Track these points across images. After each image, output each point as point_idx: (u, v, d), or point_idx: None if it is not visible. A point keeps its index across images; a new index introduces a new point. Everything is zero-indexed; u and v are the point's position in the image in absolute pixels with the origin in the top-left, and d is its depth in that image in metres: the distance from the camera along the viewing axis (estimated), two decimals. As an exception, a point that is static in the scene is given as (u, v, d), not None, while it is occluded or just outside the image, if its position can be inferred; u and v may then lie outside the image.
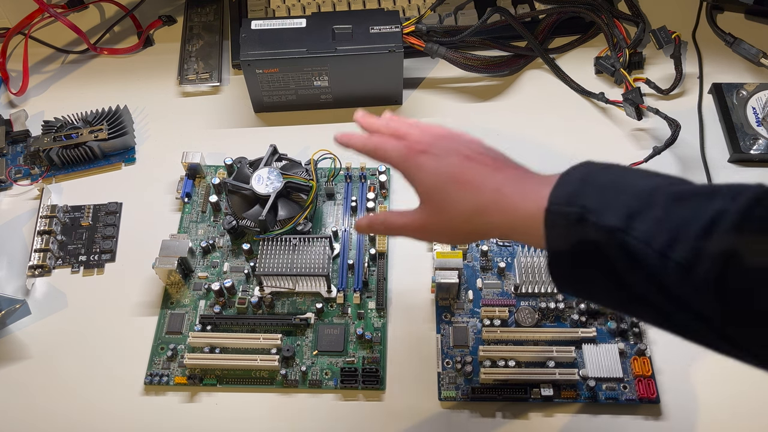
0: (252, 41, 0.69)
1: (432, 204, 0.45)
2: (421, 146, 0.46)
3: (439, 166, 0.45)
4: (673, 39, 0.76)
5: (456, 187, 0.44)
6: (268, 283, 0.62)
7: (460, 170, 0.44)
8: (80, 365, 0.60)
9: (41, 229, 0.66)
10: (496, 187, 0.43)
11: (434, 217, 0.45)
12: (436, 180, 0.45)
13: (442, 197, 0.44)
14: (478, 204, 0.43)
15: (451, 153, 0.46)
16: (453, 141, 0.47)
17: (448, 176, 0.44)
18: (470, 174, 0.44)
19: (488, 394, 0.56)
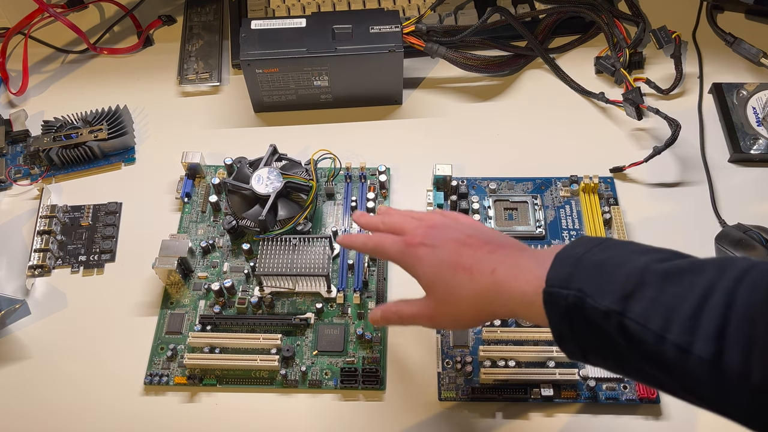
0: (252, 41, 0.69)
1: (436, 294, 0.46)
2: (417, 239, 0.48)
3: (435, 257, 0.46)
4: (673, 39, 0.76)
5: (454, 274, 0.45)
6: (268, 283, 0.62)
7: (455, 257, 0.45)
8: (80, 365, 0.60)
9: (41, 229, 0.66)
10: (491, 270, 0.44)
11: (440, 306, 0.46)
12: (435, 270, 0.46)
13: (444, 286, 0.45)
14: (477, 289, 0.44)
15: (445, 241, 0.47)
16: (446, 229, 0.48)
17: (445, 265, 0.45)
18: (465, 260, 0.45)
19: (488, 394, 0.56)
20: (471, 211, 0.66)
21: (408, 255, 0.48)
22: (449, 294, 0.45)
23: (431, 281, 0.46)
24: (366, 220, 0.53)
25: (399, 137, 0.74)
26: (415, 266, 0.47)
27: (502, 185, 0.68)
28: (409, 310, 0.49)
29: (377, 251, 0.51)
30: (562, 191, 0.68)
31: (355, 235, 0.54)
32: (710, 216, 0.66)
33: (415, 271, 0.48)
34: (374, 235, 0.52)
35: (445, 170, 0.66)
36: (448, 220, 0.50)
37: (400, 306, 0.50)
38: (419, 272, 0.47)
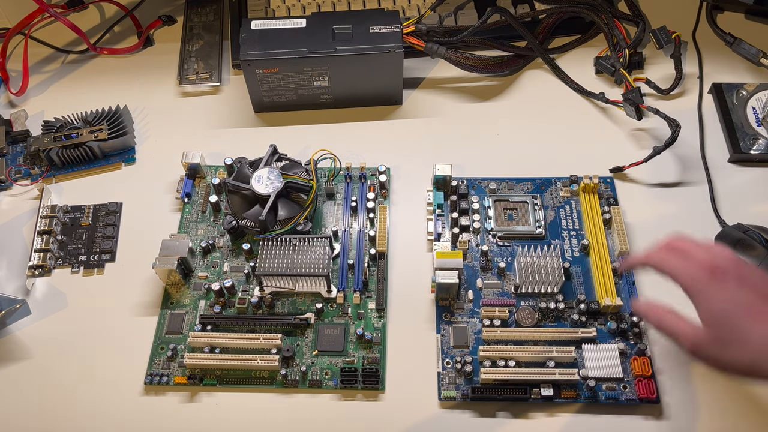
0: (252, 41, 0.69)
1: (717, 331, 0.42)
2: (713, 271, 0.43)
3: (733, 294, 0.42)
4: (673, 39, 0.76)
5: (751, 324, 0.41)
6: (268, 283, 0.62)
7: (757, 308, 0.41)
8: (80, 365, 0.60)
9: (41, 229, 0.66)
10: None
11: (716, 345, 0.42)
12: (728, 306, 0.42)
13: (731, 329, 0.42)
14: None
15: (747, 287, 0.42)
16: (747, 272, 0.43)
17: (744, 306, 0.42)
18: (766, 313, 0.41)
19: (488, 394, 0.56)
20: (471, 211, 0.66)
21: (699, 283, 0.43)
22: (734, 341, 0.41)
23: (716, 317, 0.42)
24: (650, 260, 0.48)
25: (399, 137, 0.74)
26: (702, 292, 0.43)
27: (502, 185, 0.68)
28: (678, 325, 0.45)
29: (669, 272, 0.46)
30: (562, 191, 0.68)
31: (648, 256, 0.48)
32: (710, 216, 0.66)
33: (698, 296, 0.43)
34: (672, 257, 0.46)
35: (445, 170, 0.66)
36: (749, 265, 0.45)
37: (669, 314, 0.46)
38: (703, 299, 0.43)
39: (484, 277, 0.63)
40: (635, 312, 0.49)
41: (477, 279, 0.63)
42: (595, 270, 0.63)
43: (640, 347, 0.58)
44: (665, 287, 0.47)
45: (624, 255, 0.63)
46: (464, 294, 0.62)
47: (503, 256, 0.64)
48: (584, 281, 0.62)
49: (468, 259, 0.64)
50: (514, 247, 0.64)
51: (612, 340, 0.59)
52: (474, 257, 0.64)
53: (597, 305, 0.60)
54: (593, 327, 0.59)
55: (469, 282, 0.63)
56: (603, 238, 0.64)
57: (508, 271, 0.63)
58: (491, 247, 0.65)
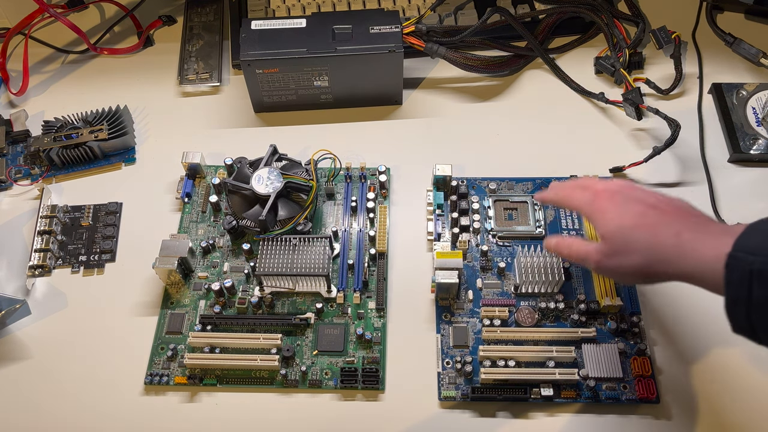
0: (252, 41, 0.69)
1: (612, 244, 0.48)
2: (607, 194, 0.50)
3: (623, 211, 0.48)
4: (673, 39, 0.76)
5: (637, 231, 0.47)
6: (268, 283, 0.62)
7: (642, 216, 0.47)
8: (80, 365, 0.60)
9: (41, 229, 0.66)
10: (676, 232, 0.45)
11: (612, 255, 0.48)
12: (618, 223, 0.48)
13: (623, 240, 0.47)
14: (656, 246, 0.45)
15: (634, 200, 0.49)
16: (636, 190, 0.50)
17: (630, 220, 0.47)
18: (652, 219, 0.47)
19: (488, 394, 0.56)
20: (471, 211, 0.66)
21: (595, 205, 0.50)
22: (626, 247, 0.47)
23: (611, 232, 0.48)
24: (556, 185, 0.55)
25: (399, 137, 0.74)
26: (600, 217, 0.49)
27: (501, 185, 0.68)
28: (582, 248, 0.51)
29: (565, 201, 0.53)
30: (562, 191, 0.68)
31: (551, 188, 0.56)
32: (710, 216, 0.66)
33: (596, 219, 0.49)
34: (565, 187, 0.54)
35: (445, 170, 0.66)
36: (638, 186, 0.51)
37: (575, 241, 0.52)
38: (601, 222, 0.49)
39: (484, 277, 0.63)
40: (548, 250, 0.55)
41: (477, 279, 0.63)
42: (595, 270, 0.63)
43: (640, 347, 0.58)
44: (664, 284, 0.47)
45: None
46: (464, 294, 0.62)
47: (503, 256, 0.64)
48: (584, 281, 0.62)
49: (468, 259, 0.64)
50: (514, 247, 0.64)
51: (612, 340, 0.59)
52: (474, 257, 0.64)
53: (597, 305, 0.60)
54: (593, 327, 0.59)
55: (469, 282, 0.63)
56: (603, 238, 0.64)
57: (508, 271, 0.63)
58: (491, 247, 0.65)
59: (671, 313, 0.61)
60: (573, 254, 0.52)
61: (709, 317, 0.60)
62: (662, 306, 0.61)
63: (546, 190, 0.56)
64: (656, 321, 0.60)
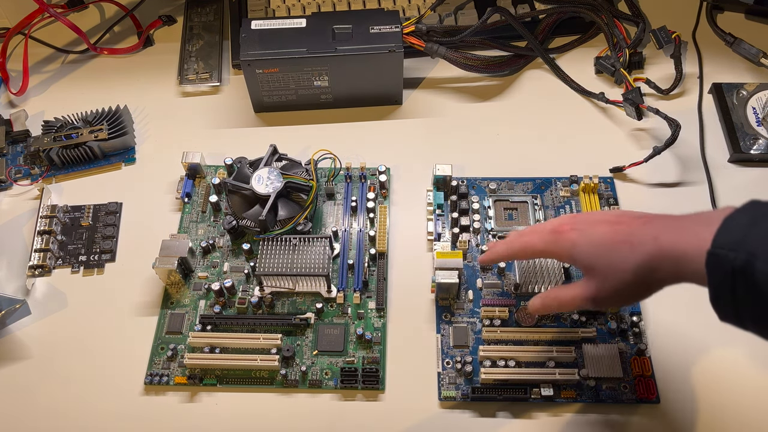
0: (252, 41, 0.69)
1: (597, 273, 0.47)
2: (566, 227, 0.48)
3: (589, 238, 0.47)
4: (673, 39, 0.76)
5: (614, 250, 0.45)
6: (268, 283, 0.62)
7: (611, 234, 0.46)
8: (80, 365, 0.60)
9: (41, 229, 0.66)
10: (654, 236, 0.43)
11: (603, 284, 0.46)
12: (592, 250, 0.46)
13: (605, 263, 0.46)
14: (641, 258, 0.44)
15: (594, 223, 0.47)
16: (589, 215, 0.49)
17: (601, 244, 0.46)
18: (623, 234, 0.45)
19: (488, 394, 0.56)
20: (471, 211, 0.66)
21: (559, 242, 0.48)
22: (611, 269, 0.45)
23: (590, 262, 0.46)
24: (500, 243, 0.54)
25: (399, 137, 0.74)
26: (570, 251, 0.48)
27: (502, 185, 0.68)
28: (569, 293, 0.49)
29: (525, 250, 0.51)
30: (562, 191, 0.68)
31: (492, 246, 0.54)
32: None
33: (570, 255, 0.48)
34: (516, 237, 0.52)
35: (445, 170, 0.66)
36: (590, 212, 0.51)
37: (558, 292, 0.50)
38: (575, 255, 0.47)
39: (484, 277, 0.63)
40: (535, 313, 0.53)
41: (477, 279, 0.63)
42: (595, 270, 0.62)
43: (640, 347, 0.58)
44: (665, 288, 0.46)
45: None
46: (464, 294, 0.62)
47: (503, 256, 0.64)
48: (584, 281, 0.62)
49: (468, 259, 0.64)
50: (514, 247, 0.64)
51: (612, 340, 0.59)
52: (474, 257, 0.64)
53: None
54: (593, 327, 0.59)
55: (469, 282, 0.63)
56: (603, 238, 0.64)
57: (508, 271, 0.63)
58: (491, 247, 0.65)
59: (671, 313, 0.61)
60: (564, 303, 0.50)
61: (709, 317, 0.60)
62: (662, 306, 0.61)
63: (487, 250, 0.54)
64: (656, 321, 0.60)
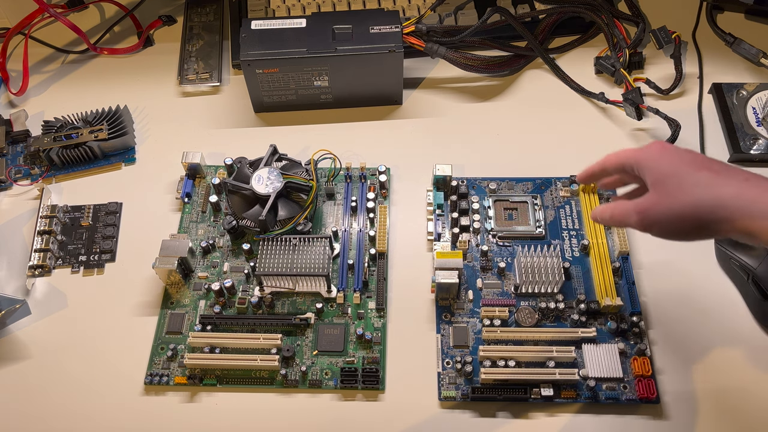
0: (252, 41, 0.69)
1: (663, 188, 0.44)
2: (657, 145, 0.47)
3: (680, 155, 0.45)
4: (673, 39, 0.76)
5: (695, 172, 0.43)
6: (268, 283, 0.62)
7: (703, 160, 0.44)
8: (80, 365, 0.60)
9: (41, 229, 0.66)
10: (744, 177, 0.42)
11: (663, 199, 0.44)
12: (675, 164, 0.44)
13: (677, 182, 0.43)
14: (718, 192, 0.42)
15: (686, 151, 0.46)
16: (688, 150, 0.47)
17: (688, 163, 0.44)
18: (714, 164, 0.43)
19: (488, 394, 0.56)
20: (471, 211, 0.66)
21: (645, 152, 0.46)
22: (680, 190, 0.43)
23: (664, 175, 0.44)
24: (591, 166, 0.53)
25: (399, 137, 0.74)
26: (653, 158, 0.45)
27: (502, 185, 0.68)
28: (624, 203, 0.47)
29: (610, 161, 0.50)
30: (562, 191, 0.68)
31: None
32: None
33: (649, 165, 0.46)
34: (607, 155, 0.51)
35: (445, 170, 0.66)
36: None
37: (617, 203, 0.49)
38: (654, 166, 0.45)
39: (484, 277, 0.63)
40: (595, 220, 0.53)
41: (477, 279, 0.63)
42: (595, 270, 0.63)
43: (640, 347, 0.58)
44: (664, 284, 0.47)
45: (623, 254, 0.63)
46: (464, 294, 0.62)
47: (503, 256, 0.64)
48: (584, 281, 0.62)
49: (468, 259, 0.64)
50: (514, 247, 0.64)
51: (612, 340, 0.59)
52: (474, 257, 0.64)
53: (597, 305, 0.60)
54: (593, 327, 0.59)
55: (469, 282, 0.63)
56: (603, 238, 0.64)
57: (508, 271, 0.63)
58: (491, 247, 0.65)
59: (671, 313, 0.61)
60: (616, 213, 0.48)
61: (709, 317, 0.60)
62: (662, 306, 0.61)
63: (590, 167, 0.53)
64: (656, 321, 0.60)
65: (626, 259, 0.63)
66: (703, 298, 0.62)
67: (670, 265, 0.63)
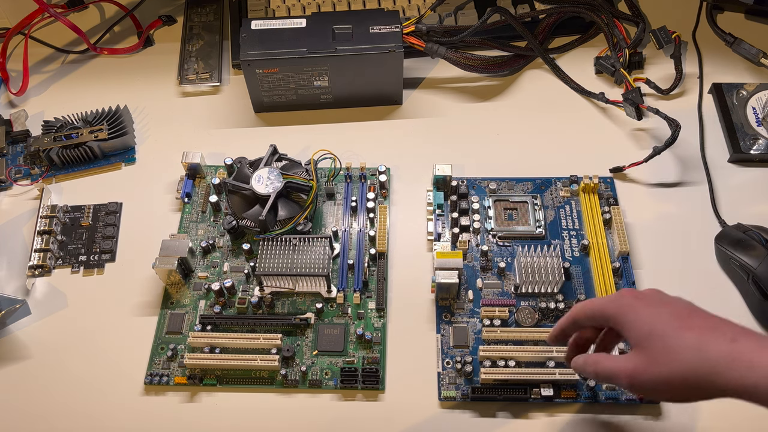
0: (252, 41, 0.69)
1: (647, 351, 0.41)
2: (634, 292, 0.44)
3: (658, 310, 0.42)
4: (673, 39, 0.76)
5: (678, 333, 0.40)
6: (268, 283, 0.62)
7: (685, 317, 0.41)
8: (80, 365, 0.60)
9: (41, 229, 0.66)
10: (732, 338, 0.38)
11: (649, 366, 0.41)
12: (653, 322, 0.41)
13: (661, 344, 0.40)
14: (706, 356, 0.38)
15: (673, 301, 0.43)
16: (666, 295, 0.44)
17: (669, 321, 0.41)
18: (697, 321, 0.40)
19: (488, 394, 0.56)
20: (471, 211, 0.66)
21: (623, 305, 0.43)
22: (665, 354, 0.40)
23: (646, 335, 0.41)
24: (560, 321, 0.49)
25: (399, 137, 0.74)
26: (630, 316, 0.42)
27: (501, 185, 0.68)
28: (610, 363, 0.44)
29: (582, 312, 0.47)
30: (562, 191, 0.68)
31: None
32: (710, 216, 0.66)
33: (627, 321, 0.42)
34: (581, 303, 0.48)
35: (445, 170, 0.66)
36: None
37: (602, 357, 0.45)
38: (632, 324, 0.42)
39: (484, 277, 0.63)
40: (572, 367, 0.49)
41: (477, 279, 0.63)
42: (595, 270, 0.63)
43: (640, 347, 0.58)
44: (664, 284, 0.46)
45: (623, 254, 0.63)
46: (464, 294, 0.62)
47: (503, 256, 0.64)
48: (584, 281, 0.62)
49: (468, 259, 0.64)
50: (514, 247, 0.64)
51: (612, 340, 0.59)
52: (474, 257, 0.64)
53: (597, 305, 0.60)
54: (593, 327, 0.59)
55: (469, 282, 0.63)
56: (603, 238, 0.64)
57: (508, 271, 0.63)
58: (491, 247, 0.65)
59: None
60: (600, 372, 0.44)
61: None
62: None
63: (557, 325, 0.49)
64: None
65: (626, 259, 0.63)
66: (703, 298, 0.61)
67: (670, 265, 0.63)
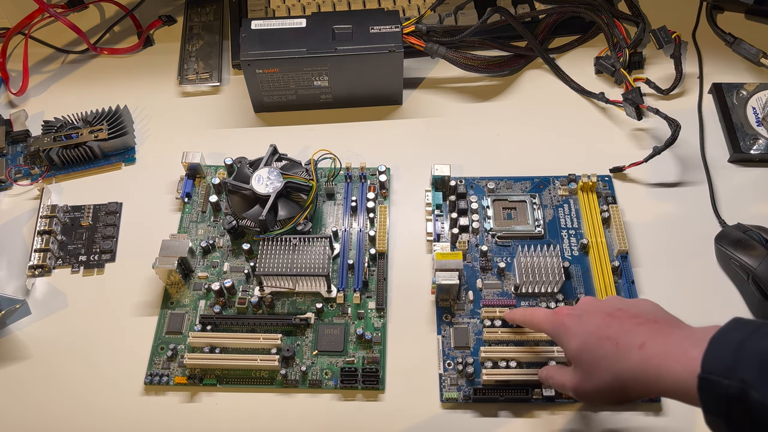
0: (252, 41, 0.69)
1: (582, 366, 0.47)
2: (565, 310, 0.50)
3: (582, 326, 0.47)
4: (673, 39, 0.76)
5: (599, 345, 0.45)
6: (268, 283, 0.62)
7: (602, 327, 0.46)
8: (80, 365, 0.60)
9: (41, 229, 0.66)
10: (640, 344, 0.43)
11: (585, 380, 0.46)
12: (581, 340, 0.46)
13: (589, 358, 0.46)
14: (623, 363, 0.43)
15: (592, 312, 0.48)
16: (594, 302, 0.49)
17: (591, 335, 0.46)
18: (612, 331, 0.45)
19: (490, 395, 0.56)
20: (470, 210, 0.66)
21: (556, 324, 0.49)
22: (594, 366, 0.45)
23: (578, 352, 0.47)
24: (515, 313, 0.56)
25: (399, 137, 0.74)
26: (563, 335, 0.48)
27: (500, 185, 0.68)
28: (559, 377, 0.50)
29: (531, 320, 0.53)
30: (561, 190, 0.68)
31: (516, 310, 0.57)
32: (710, 216, 0.66)
33: (562, 340, 0.49)
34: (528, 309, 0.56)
35: (444, 170, 0.66)
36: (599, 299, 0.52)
37: (554, 371, 0.52)
38: (566, 342, 0.48)
39: (484, 277, 0.63)
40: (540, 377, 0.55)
41: (477, 279, 0.63)
42: (594, 269, 0.63)
43: (640, 347, 0.58)
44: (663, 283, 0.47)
45: (622, 253, 0.63)
46: (464, 294, 0.62)
47: (503, 256, 0.64)
48: (584, 280, 0.62)
49: (468, 260, 0.64)
50: (513, 247, 0.64)
51: (612, 340, 0.59)
52: (474, 257, 0.64)
53: (597, 305, 0.60)
54: (593, 327, 0.59)
55: (469, 282, 0.63)
56: (602, 237, 0.64)
57: (508, 271, 0.63)
58: (491, 247, 0.65)
59: (671, 312, 0.60)
60: (553, 386, 0.52)
61: (709, 317, 0.60)
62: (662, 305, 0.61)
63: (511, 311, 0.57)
64: (656, 321, 0.60)
65: (625, 258, 0.63)
66: (703, 298, 0.62)
67: (669, 264, 0.63)
